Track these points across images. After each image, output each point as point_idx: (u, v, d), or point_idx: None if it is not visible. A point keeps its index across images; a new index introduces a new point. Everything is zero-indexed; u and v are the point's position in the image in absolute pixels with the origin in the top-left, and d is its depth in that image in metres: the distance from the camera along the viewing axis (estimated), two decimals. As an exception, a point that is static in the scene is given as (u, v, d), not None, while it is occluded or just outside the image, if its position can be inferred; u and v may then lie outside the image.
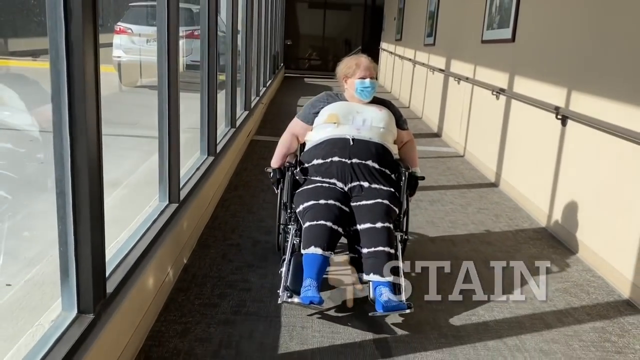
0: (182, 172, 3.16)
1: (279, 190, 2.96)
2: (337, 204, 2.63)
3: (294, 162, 2.89)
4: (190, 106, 4.19)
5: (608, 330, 2.58)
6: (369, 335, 2.42)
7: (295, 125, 3.07)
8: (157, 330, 2.30)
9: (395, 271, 2.51)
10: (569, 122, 3.76)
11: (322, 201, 2.62)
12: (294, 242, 2.71)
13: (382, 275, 2.47)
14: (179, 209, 2.86)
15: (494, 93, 5.11)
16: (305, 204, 2.64)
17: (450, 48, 7.35)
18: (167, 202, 2.81)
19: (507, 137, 4.88)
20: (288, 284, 2.49)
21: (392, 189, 2.76)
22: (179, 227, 2.85)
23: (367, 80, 2.93)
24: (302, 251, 2.53)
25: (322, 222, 2.55)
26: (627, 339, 2.52)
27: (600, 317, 2.71)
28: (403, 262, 2.64)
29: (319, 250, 2.49)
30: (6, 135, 4.29)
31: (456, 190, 4.86)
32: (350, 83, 2.97)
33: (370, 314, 2.47)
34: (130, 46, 9.14)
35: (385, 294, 2.42)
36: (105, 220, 1.82)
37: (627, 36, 3.17)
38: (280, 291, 2.44)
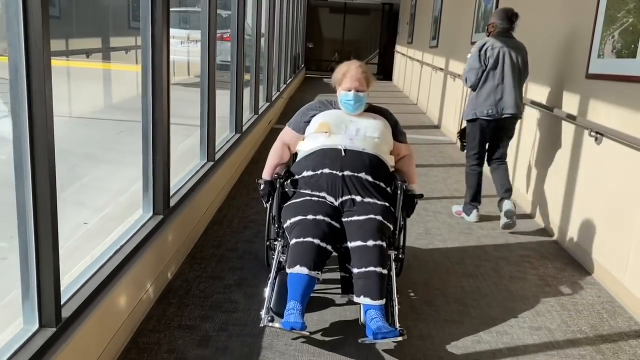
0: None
1: (268, 205, 2.78)
2: (327, 219, 2.44)
3: (282, 174, 2.73)
4: (220, 100, 5.21)
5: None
6: None
7: (286, 133, 2.90)
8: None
9: (387, 294, 2.36)
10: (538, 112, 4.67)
11: (310, 216, 2.44)
12: (281, 259, 2.55)
13: (372, 299, 2.29)
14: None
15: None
16: (293, 219, 2.47)
17: (449, 49, 8.27)
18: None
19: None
20: (271, 305, 2.35)
21: (386, 204, 2.58)
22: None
23: (351, 93, 2.72)
24: (287, 270, 2.35)
25: (309, 239, 2.36)
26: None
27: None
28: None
29: (304, 270, 2.30)
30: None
31: (441, 168, 5.79)
32: (338, 92, 2.81)
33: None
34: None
35: (376, 319, 2.24)
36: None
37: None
38: (262, 313, 2.30)
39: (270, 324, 2.24)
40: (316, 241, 2.37)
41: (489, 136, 4.04)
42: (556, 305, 2.92)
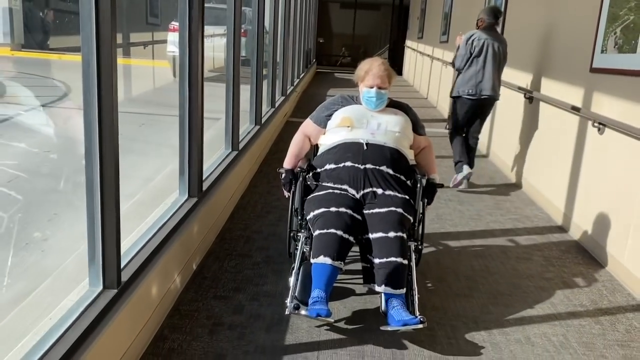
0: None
1: (290, 194, 2.89)
2: (349, 211, 2.53)
3: (305, 167, 2.81)
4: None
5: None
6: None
7: (307, 126, 2.98)
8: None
9: (408, 283, 2.48)
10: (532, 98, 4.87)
11: (332, 209, 2.53)
12: (304, 250, 2.64)
13: (394, 288, 2.40)
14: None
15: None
16: (316, 212, 2.56)
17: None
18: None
19: (497, 120, 6.02)
20: (296, 294, 2.44)
21: (406, 197, 2.67)
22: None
23: (373, 90, 2.80)
24: (312, 260, 2.45)
25: (332, 230, 2.45)
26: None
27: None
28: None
29: (328, 260, 2.40)
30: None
31: (451, 159, 6.01)
32: (360, 88, 2.89)
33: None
34: (183, 42, 10.49)
35: (397, 308, 2.36)
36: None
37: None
38: (287, 301, 2.39)
39: (296, 312, 2.31)
40: (339, 232, 2.46)
41: (469, 113, 4.76)
42: (559, 283, 3.14)
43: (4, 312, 2.52)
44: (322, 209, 2.55)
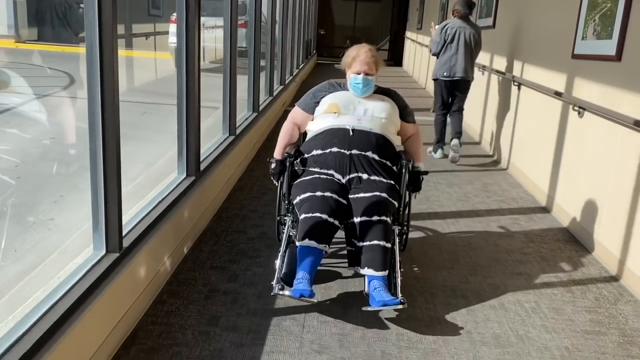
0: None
1: (278, 183, 2.96)
2: (334, 196, 2.58)
3: (292, 153, 2.86)
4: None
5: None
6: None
7: (296, 113, 3.02)
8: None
9: (390, 265, 2.53)
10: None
11: (318, 193, 2.58)
12: (291, 233, 2.70)
13: (376, 270, 2.45)
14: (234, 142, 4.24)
15: (480, 69, 6.41)
16: (302, 196, 2.61)
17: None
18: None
19: (488, 107, 6.18)
20: (282, 276, 2.51)
21: (391, 182, 2.71)
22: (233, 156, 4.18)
23: (360, 76, 2.83)
24: (297, 243, 2.50)
25: (317, 214, 2.51)
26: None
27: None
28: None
29: (313, 243, 2.46)
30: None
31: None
32: (347, 75, 2.92)
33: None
34: (183, 33, 10.67)
35: (379, 289, 2.41)
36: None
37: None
38: (273, 283, 2.44)
39: (281, 293, 2.37)
40: (324, 216, 2.51)
41: (446, 92, 5.45)
42: (537, 257, 3.33)
43: (16, 280, 2.73)
44: (308, 194, 2.59)
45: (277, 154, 2.98)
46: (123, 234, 2.25)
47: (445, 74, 5.37)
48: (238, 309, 2.52)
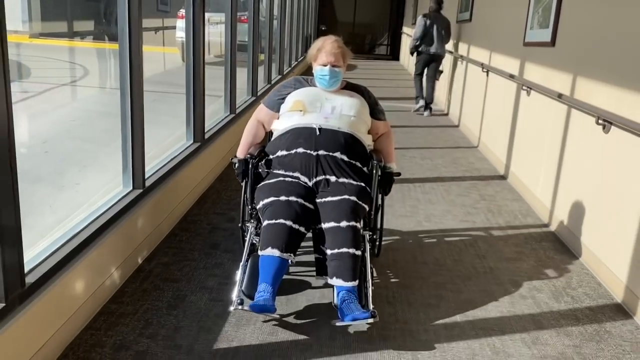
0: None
1: (243, 183, 2.71)
2: (300, 200, 2.43)
3: (256, 154, 2.68)
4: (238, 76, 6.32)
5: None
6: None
7: (260, 111, 2.84)
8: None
9: (360, 275, 2.37)
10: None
11: (282, 198, 2.42)
12: (254, 241, 2.54)
13: (345, 280, 2.30)
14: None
15: (462, 61, 7.08)
16: (265, 200, 2.44)
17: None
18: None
19: (466, 93, 6.85)
20: (243, 288, 2.37)
21: (362, 184, 2.55)
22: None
23: (326, 68, 2.66)
24: (259, 252, 2.34)
25: (281, 220, 2.35)
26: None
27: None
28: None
29: (276, 252, 2.30)
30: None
31: (425, 129, 6.86)
32: (314, 67, 2.74)
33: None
34: (189, 28, 11.41)
35: (348, 301, 2.26)
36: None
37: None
38: (234, 296, 2.29)
39: (240, 307, 2.20)
40: (288, 223, 2.36)
41: (424, 62, 7.70)
42: (485, 210, 4.00)
43: (53, 226, 3.43)
44: (272, 198, 2.44)
45: (240, 152, 2.80)
46: (146, 176, 2.94)
47: (424, 49, 7.61)
48: (234, 239, 3.21)
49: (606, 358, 2.29)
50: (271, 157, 2.67)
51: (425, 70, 7.75)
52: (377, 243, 2.95)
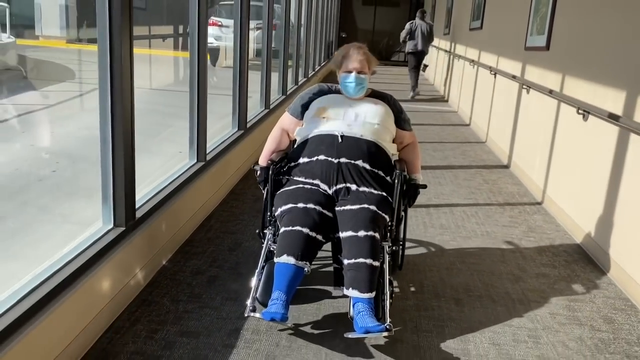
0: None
1: (265, 191, 2.68)
2: (318, 208, 2.40)
3: (277, 160, 2.67)
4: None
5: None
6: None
7: (284, 119, 2.83)
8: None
9: (378, 287, 2.32)
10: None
11: (300, 205, 2.40)
12: (272, 248, 2.51)
13: (361, 291, 2.25)
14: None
15: (473, 65, 7.72)
16: (283, 207, 2.43)
17: (455, 35, 9.92)
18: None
19: (477, 94, 7.49)
20: (257, 295, 2.38)
21: (383, 194, 2.51)
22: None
23: (352, 75, 2.65)
24: (275, 259, 2.33)
25: (298, 228, 2.34)
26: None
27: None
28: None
29: (291, 260, 2.28)
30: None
31: (438, 127, 7.51)
32: (339, 75, 2.74)
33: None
34: (219, 35, 12.21)
35: (363, 313, 2.21)
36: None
37: (514, 23, 5.74)
38: (248, 302, 2.32)
39: (252, 314, 2.25)
40: (305, 230, 2.34)
41: (415, 58, 9.99)
42: (486, 190, 4.63)
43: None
44: (290, 205, 2.42)
45: (262, 160, 2.79)
46: (207, 150, 3.64)
47: (412, 49, 9.99)
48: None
49: (577, 301, 2.92)
50: (293, 164, 2.66)
51: (414, 63, 10.01)
52: (400, 255, 2.88)
